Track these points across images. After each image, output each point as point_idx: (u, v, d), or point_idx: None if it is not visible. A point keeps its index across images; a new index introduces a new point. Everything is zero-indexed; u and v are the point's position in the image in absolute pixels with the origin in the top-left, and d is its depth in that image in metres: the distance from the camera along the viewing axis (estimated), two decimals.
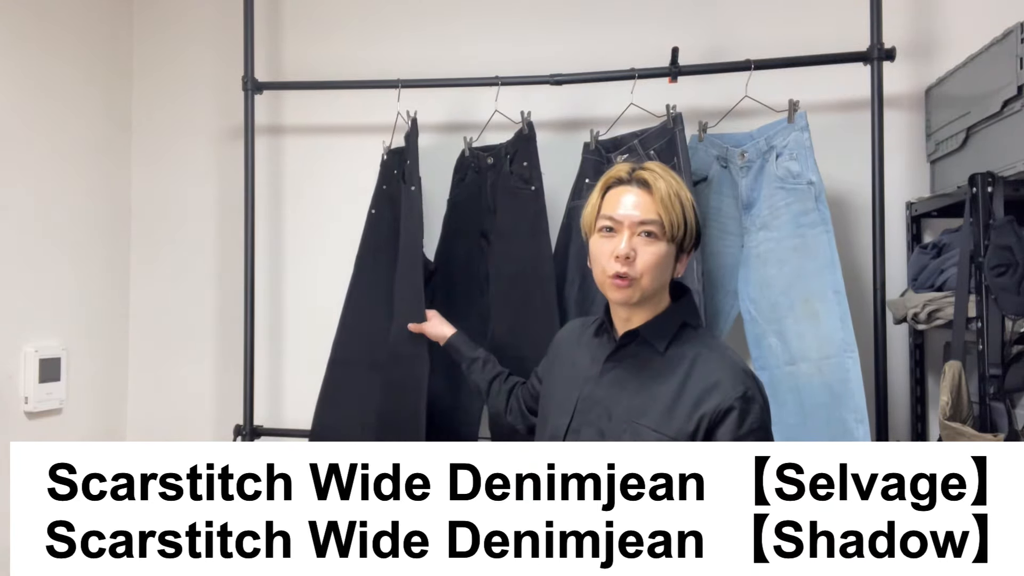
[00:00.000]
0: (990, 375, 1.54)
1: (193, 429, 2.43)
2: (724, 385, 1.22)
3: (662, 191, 1.26)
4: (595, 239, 1.30)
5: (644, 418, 1.25)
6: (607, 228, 1.28)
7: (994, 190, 1.58)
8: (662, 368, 1.28)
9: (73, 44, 2.25)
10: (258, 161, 2.28)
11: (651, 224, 1.25)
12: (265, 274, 2.38)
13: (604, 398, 1.30)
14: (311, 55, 2.40)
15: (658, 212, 1.25)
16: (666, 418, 1.23)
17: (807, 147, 1.82)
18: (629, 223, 1.25)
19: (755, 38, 2.14)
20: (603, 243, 1.28)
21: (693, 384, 1.24)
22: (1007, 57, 1.62)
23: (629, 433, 1.25)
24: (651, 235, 1.25)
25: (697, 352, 1.28)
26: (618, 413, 1.27)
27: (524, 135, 1.99)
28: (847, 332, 1.73)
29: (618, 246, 1.25)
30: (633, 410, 1.26)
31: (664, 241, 1.26)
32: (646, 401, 1.26)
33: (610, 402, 1.29)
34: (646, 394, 1.26)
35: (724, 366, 1.26)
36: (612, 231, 1.27)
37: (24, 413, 2.05)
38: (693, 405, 1.22)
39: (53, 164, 2.17)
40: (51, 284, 2.15)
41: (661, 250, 1.26)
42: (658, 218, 1.25)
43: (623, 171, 1.31)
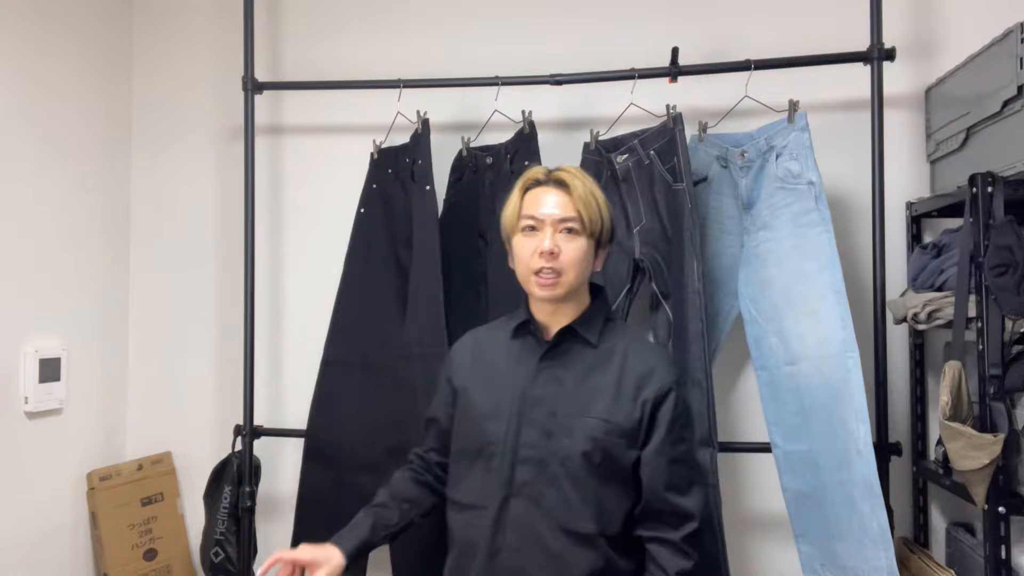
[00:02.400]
0: (990, 375, 1.54)
1: (193, 429, 2.43)
2: (660, 370, 1.35)
3: (580, 190, 1.34)
4: (518, 238, 1.37)
5: (591, 410, 1.32)
6: (529, 227, 1.35)
7: (994, 190, 1.58)
8: (597, 361, 1.36)
9: (73, 44, 2.25)
10: (258, 161, 2.28)
11: (572, 221, 1.33)
12: (265, 274, 2.38)
13: (544, 397, 1.35)
14: (311, 55, 2.40)
15: (577, 210, 1.33)
16: (612, 407, 1.32)
17: (807, 147, 1.82)
18: (551, 221, 1.33)
19: (755, 38, 2.14)
20: (526, 241, 1.35)
21: (631, 372, 1.34)
22: (1007, 57, 1.62)
23: (578, 427, 1.31)
24: (572, 231, 1.33)
25: (626, 343, 1.38)
26: (562, 409, 1.33)
27: (525, 134, 1.99)
28: (847, 332, 1.73)
29: (542, 243, 1.32)
30: (578, 404, 1.33)
31: (584, 237, 1.34)
32: (589, 394, 1.33)
33: (551, 400, 1.34)
34: (588, 387, 1.34)
35: (655, 354, 1.40)
36: (534, 230, 1.34)
37: (24, 413, 2.05)
38: (635, 391, 1.32)
39: (53, 164, 2.17)
40: (51, 284, 2.15)
41: (582, 245, 1.34)
42: (578, 215, 1.33)
43: (540, 173, 1.39)
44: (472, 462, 1.38)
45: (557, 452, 1.31)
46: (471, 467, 1.38)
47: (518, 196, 1.38)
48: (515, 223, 1.37)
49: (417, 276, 1.98)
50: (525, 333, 1.41)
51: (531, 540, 1.31)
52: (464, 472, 1.40)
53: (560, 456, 1.31)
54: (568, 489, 1.30)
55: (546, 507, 1.30)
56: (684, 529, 1.31)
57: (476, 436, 1.38)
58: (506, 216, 1.40)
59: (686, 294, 1.77)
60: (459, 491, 1.40)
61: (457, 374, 1.47)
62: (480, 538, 1.33)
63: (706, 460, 1.70)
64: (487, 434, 1.36)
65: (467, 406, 1.42)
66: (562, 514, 1.30)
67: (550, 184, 1.36)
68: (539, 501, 1.31)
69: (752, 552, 2.15)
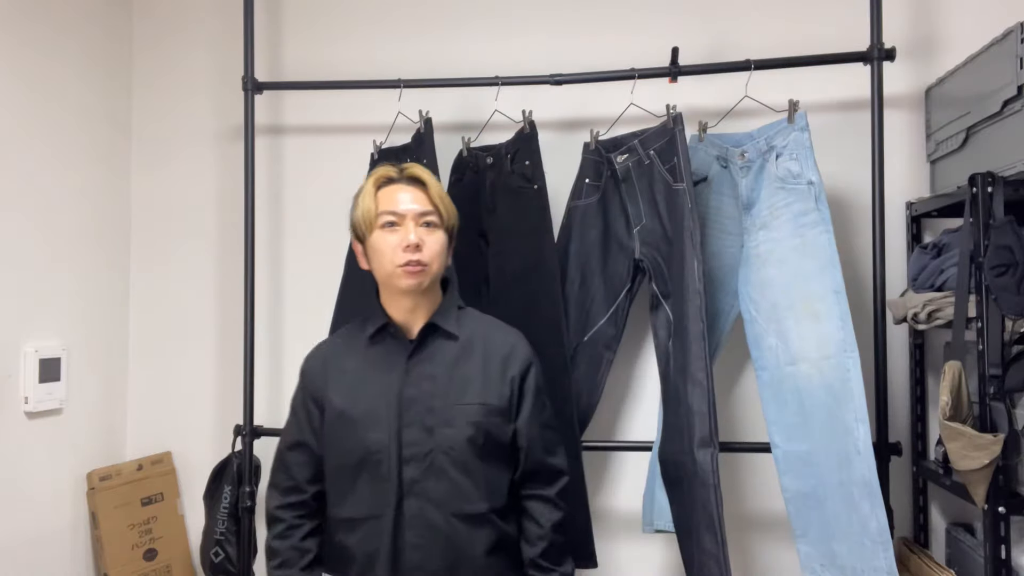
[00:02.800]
0: (990, 375, 1.54)
1: (193, 429, 2.43)
2: (519, 348, 1.46)
3: (434, 186, 1.43)
4: (378, 235, 1.39)
5: (466, 397, 1.39)
6: (389, 223, 1.39)
7: (994, 190, 1.58)
8: (462, 351, 1.42)
9: (73, 44, 2.25)
10: (258, 161, 2.28)
11: (431, 215, 1.40)
12: (265, 274, 2.38)
13: (419, 395, 1.39)
14: (311, 55, 2.40)
15: (435, 204, 1.41)
16: (485, 390, 1.40)
17: (807, 147, 1.82)
18: (412, 215, 1.38)
19: (755, 38, 2.14)
20: (388, 237, 1.38)
21: (494, 355, 1.43)
22: (1007, 57, 1.62)
23: (457, 415, 1.37)
24: (432, 224, 1.40)
25: (483, 328, 1.47)
26: (438, 403, 1.38)
27: (526, 134, 1.99)
28: (847, 332, 1.73)
29: (406, 236, 1.36)
30: (453, 394, 1.39)
31: (442, 230, 1.42)
32: (461, 383, 1.40)
33: (427, 397, 1.39)
34: (458, 377, 1.40)
35: (510, 333, 1.48)
36: (395, 225, 1.38)
37: (24, 413, 2.05)
38: (502, 371, 1.42)
39: (53, 164, 2.17)
40: (51, 284, 2.15)
41: (441, 238, 1.42)
42: (436, 209, 1.41)
43: (391, 171, 1.44)
44: (355, 475, 1.39)
45: (441, 444, 1.37)
46: (355, 480, 1.39)
47: (372, 194, 1.41)
48: (373, 220, 1.39)
49: None
50: (384, 337, 1.43)
51: (429, 534, 1.35)
52: (347, 486, 1.40)
53: (444, 447, 1.37)
54: (456, 476, 1.36)
55: (439, 498, 1.36)
56: (558, 484, 1.46)
57: (356, 448, 1.38)
58: (360, 215, 1.41)
59: (686, 294, 1.77)
60: (347, 507, 1.40)
61: (318, 392, 1.44)
62: (380, 545, 1.36)
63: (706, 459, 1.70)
64: (369, 443, 1.38)
65: (339, 420, 1.41)
66: (455, 501, 1.36)
67: (403, 181, 1.42)
68: (431, 495, 1.36)
69: (752, 552, 2.15)
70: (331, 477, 1.43)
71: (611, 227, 2.01)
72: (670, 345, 1.87)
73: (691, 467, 1.72)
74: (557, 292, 1.92)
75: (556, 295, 1.91)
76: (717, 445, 1.71)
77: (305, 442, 1.45)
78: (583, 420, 1.99)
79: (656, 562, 2.19)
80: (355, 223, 1.44)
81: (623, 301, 1.98)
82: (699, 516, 1.70)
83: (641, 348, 2.20)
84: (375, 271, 1.43)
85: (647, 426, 2.18)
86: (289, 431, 1.48)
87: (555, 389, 1.89)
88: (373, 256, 1.41)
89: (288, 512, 1.44)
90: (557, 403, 1.88)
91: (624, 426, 2.22)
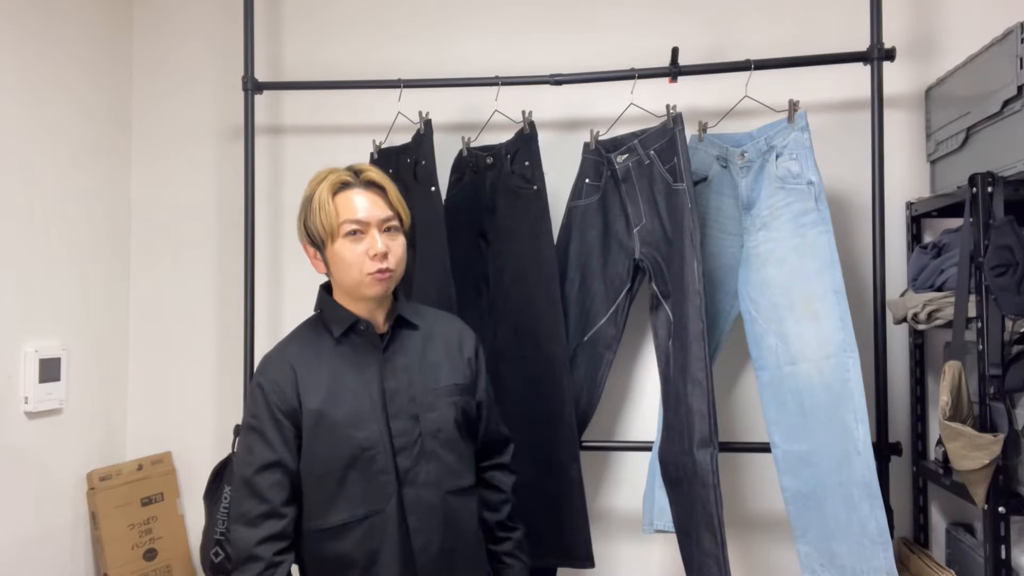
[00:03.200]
0: (990, 375, 1.54)
1: (193, 429, 2.43)
2: (465, 330, 1.55)
3: (392, 190, 1.43)
4: (341, 243, 1.37)
5: (440, 381, 1.44)
6: (353, 231, 1.37)
7: (994, 190, 1.58)
8: (424, 339, 1.47)
9: (73, 44, 2.25)
10: (258, 161, 2.28)
11: (392, 220, 1.41)
12: (265, 274, 2.38)
13: (399, 386, 1.41)
14: (311, 55, 2.40)
15: (395, 208, 1.42)
16: (452, 372, 1.46)
17: (807, 147, 1.82)
18: (376, 222, 1.38)
19: (755, 38, 2.14)
20: (353, 246, 1.37)
21: (448, 339, 1.50)
22: (1007, 57, 1.62)
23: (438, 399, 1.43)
24: (392, 229, 1.41)
25: (431, 316, 1.53)
26: (417, 390, 1.42)
27: (525, 134, 1.99)
28: (847, 332, 1.73)
29: (373, 244, 1.37)
30: (428, 381, 1.43)
31: (402, 233, 1.44)
32: (432, 369, 1.45)
33: (406, 387, 1.41)
34: (428, 364, 1.45)
35: (451, 318, 1.58)
36: (359, 233, 1.37)
37: (24, 413, 2.05)
38: (459, 352, 1.49)
39: (53, 164, 2.17)
40: (51, 284, 2.15)
41: (403, 241, 1.43)
42: (395, 213, 1.42)
43: (346, 175, 1.41)
44: (343, 478, 1.36)
45: (428, 428, 1.41)
46: (342, 484, 1.36)
47: (330, 201, 1.38)
48: (335, 228, 1.37)
49: (423, 276, 1.97)
50: (352, 334, 1.42)
51: (429, 515, 1.39)
52: (334, 493, 1.36)
53: (432, 431, 1.41)
54: (445, 456, 1.42)
55: (432, 480, 1.40)
56: (509, 451, 1.60)
57: (345, 449, 1.36)
58: (319, 222, 1.37)
59: (686, 294, 1.77)
60: (336, 514, 1.36)
61: (288, 403, 1.37)
62: (384, 539, 1.36)
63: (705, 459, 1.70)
64: (359, 442, 1.36)
65: (321, 426, 1.36)
66: (447, 480, 1.42)
67: (360, 186, 1.41)
68: (425, 479, 1.39)
69: (752, 552, 2.15)
70: (313, 487, 1.37)
71: (611, 227, 2.01)
72: (670, 345, 1.87)
73: (691, 467, 1.72)
74: (556, 293, 1.92)
75: (555, 296, 1.91)
76: (717, 445, 1.71)
77: (277, 460, 1.35)
78: (583, 420, 1.99)
79: (656, 562, 2.19)
80: (312, 230, 1.40)
81: (623, 301, 1.98)
82: (699, 516, 1.70)
83: (641, 348, 2.21)
84: (339, 279, 1.41)
85: (647, 426, 2.18)
86: (253, 454, 1.35)
87: (555, 389, 1.89)
88: (337, 264, 1.39)
89: (267, 548, 1.31)
90: (557, 403, 1.89)
91: (624, 426, 2.22)
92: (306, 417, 1.37)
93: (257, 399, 1.38)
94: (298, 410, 1.37)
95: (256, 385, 1.40)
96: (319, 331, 1.45)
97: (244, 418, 1.42)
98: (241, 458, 1.38)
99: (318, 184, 1.41)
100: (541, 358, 1.90)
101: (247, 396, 1.44)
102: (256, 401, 1.38)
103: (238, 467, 1.39)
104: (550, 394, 1.89)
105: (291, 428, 1.37)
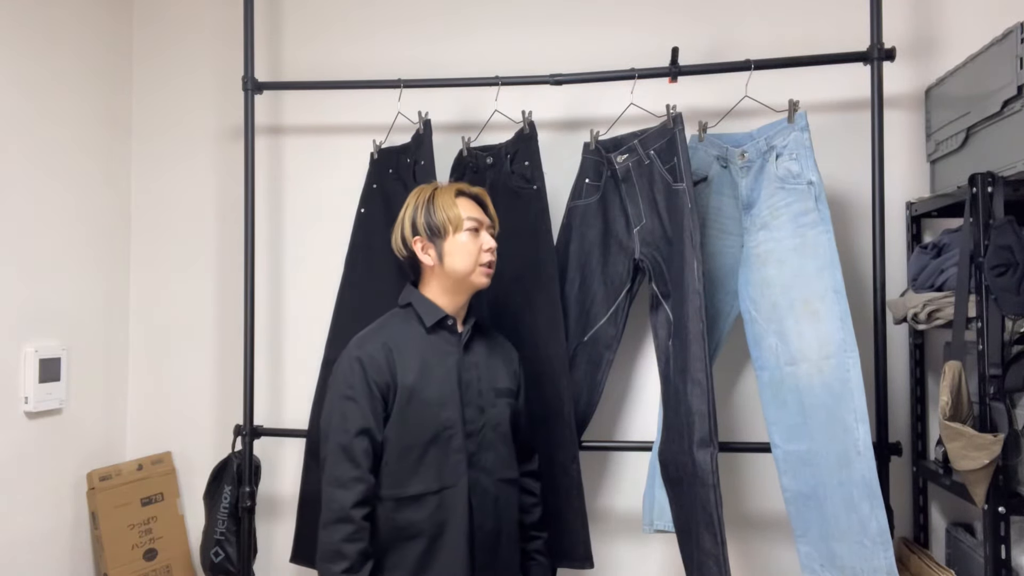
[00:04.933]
0: (990, 375, 1.54)
1: (193, 429, 2.43)
2: (510, 345, 1.77)
3: (490, 205, 1.69)
4: (464, 235, 1.60)
5: (499, 382, 1.66)
6: (473, 228, 1.61)
7: (994, 190, 1.58)
8: (487, 344, 1.69)
9: (73, 44, 2.25)
10: (258, 161, 2.28)
11: (492, 228, 1.68)
12: (265, 274, 2.38)
13: (471, 379, 1.61)
14: (311, 55, 2.40)
15: (494, 216, 1.69)
16: (508, 377, 1.69)
17: (807, 147, 1.82)
18: (486, 225, 1.65)
19: (755, 38, 2.14)
20: (472, 240, 1.61)
21: (503, 349, 1.73)
22: (1007, 57, 1.62)
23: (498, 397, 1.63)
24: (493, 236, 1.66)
25: (491, 330, 1.77)
26: (484, 386, 1.63)
27: (525, 134, 1.99)
28: (847, 332, 1.73)
29: (489, 240, 1.63)
30: (491, 380, 1.64)
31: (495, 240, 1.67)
32: (493, 371, 1.66)
33: (476, 381, 1.62)
34: (491, 365, 1.66)
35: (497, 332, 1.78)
36: (477, 230, 1.62)
37: (24, 413, 2.05)
38: (510, 363, 1.72)
39: (53, 164, 2.17)
40: (51, 284, 2.15)
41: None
42: (495, 222, 1.69)
43: (462, 187, 1.67)
44: (423, 452, 1.52)
45: (490, 421, 1.61)
46: (422, 457, 1.53)
47: (454, 202, 1.62)
48: (460, 222, 1.60)
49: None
50: (440, 328, 1.62)
51: (485, 498, 1.57)
52: (415, 464, 1.52)
53: (493, 423, 1.61)
54: (500, 447, 1.62)
55: (490, 467, 1.59)
56: (536, 460, 1.80)
57: (430, 425, 1.53)
58: (446, 215, 1.60)
59: (686, 294, 1.77)
60: (414, 484, 1.52)
61: (383, 377, 1.53)
62: (453, 512, 1.53)
63: (705, 459, 1.70)
64: (442, 420, 1.54)
65: (411, 402, 1.53)
66: (500, 469, 1.61)
67: (471, 197, 1.66)
68: (484, 464, 1.58)
69: (752, 552, 2.15)
70: (396, 458, 1.52)
71: (611, 227, 2.01)
72: (670, 345, 1.87)
73: (691, 467, 1.72)
74: (556, 293, 1.92)
75: (555, 296, 1.92)
76: (717, 445, 1.71)
77: (369, 428, 1.50)
78: (583, 420, 1.99)
79: (656, 562, 2.19)
80: (436, 224, 1.60)
81: (623, 301, 1.98)
82: (699, 516, 1.70)
83: (641, 348, 2.21)
84: (452, 268, 1.60)
85: (647, 426, 2.18)
86: (348, 420, 1.50)
87: (555, 389, 1.89)
88: (455, 253, 1.60)
89: (359, 511, 1.46)
90: (556, 403, 1.89)
91: (624, 426, 2.22)
92: (400, 392, 1.53)
93: (355, 370, 1.52)
94: (391, 385, 1.53)
95: (355, 359, 1.54)
96: (409, 320, 1.62)
97: (338, 388, 1.53)
98: (336, 425, 1.51)
99: (432, 190, 1.65)
100: (540, 358, 1.90)
101: (339, 370, 1.54)
102: (354, 372, 1.52)
103: (334, 433, 1.50)
104: (549, 394, 1.89)
105: (381, 401, 1.52)
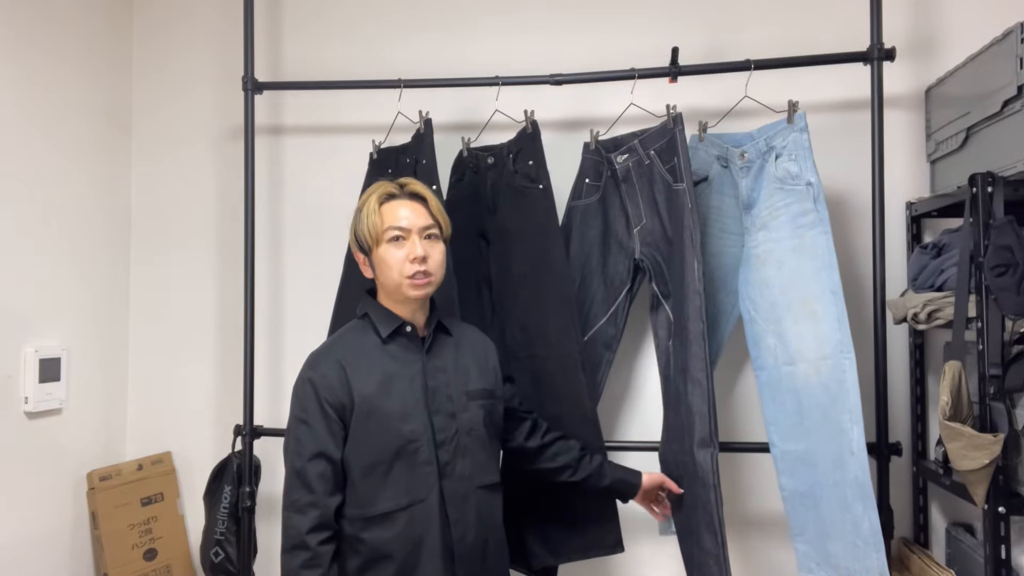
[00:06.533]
0: (990, 375, 1.54)
1: (193, 429, 2.43)
2: (487, 341, 1.68)
3: (432, 200, 1.55)
4: (384, 248, 1.50)
5: (471, 384, 1.56)
6: (396, 237, 1.49)
7: (994, 190, 1.58)
8: (456, 345, 1.59)
9: (73, 44, 2.25)
10: (258, 161, 2.28)
11: (432, 228, 1.53)
12: (265, 274, 2.38)
13: (438, 385, 1.52)
14: (311, 55, 2.40)
15: (435, 218, 1.54)
16: (482, 377, 1.58)
17: (806, 148, 1.82)
18: (417, 229, 1.50)
19: (755, 38, 2.14)
20: (395, 250, 1.49)
21: (475, 348, 1.62)
22: (1007, 57, 1.62)
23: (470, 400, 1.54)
24: (432, 237, 1.53)
25: (459, 326, 1.65)
26: (454, 391, 1.53)
27: (528, 133, 1.98)
28: (844, 333, 1.73)
29: (413, 249, 1.48)
30: (462, 383, 1.55)
31: (442, 240, 1.55)
32: (464, 373, 1.56)
33: (444, 386, 1.52)
34: (461, 368, 1.56)
35: (474, 329, 1.69)
36: (401, 239, 1.49)
37: (24, 413, 2.05)
38: (485, 361, 1.62)
39: (53, 164, 2.17)
40: (51, 284, 2.15)
41: (442, 248, 1.55)
42: (435, 222, 1.54)
43: (392, 187, 1.55)
44: (389, 468, 1.45)
45: (463, 426, 1.51)
46: (388, 474, 1.45)
47: (376, 210, 1.51)
48: (380, 234, 1.50)
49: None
50: (398, 335, 1.53)
51: (464, 507, 1.49)
52: (381, 482, 1.45)
53: (466, 428, 1.52)
54: (477, 453, 1.53)
55: (467, 474, 1.50)
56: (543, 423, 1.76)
57: (393, 440, 1.45)
58: (366, 228, 1.51)
59: (686, 294, 1.77)
60: (381, 502, 1.44)
61: (338, 396, 1.45)
62: (427, 527, 1.45)
63: (706, 459, 1.70)
64: (405, 434, 1.46)
65: (371, 417, 1.45)
66: (479, 475, 1.52)
67: (404, 197, 1.54)
68: (461, 473, 1.50)
69: (752, 552, 2.15)
70: (360, 477, 1.45)
71: (611, 227, 2.01)
72: (670, 345, 1.87)
73: (691, 467, 1.72)
74: (567, 291, 1.90)
75: (567, 294, 1.90)
76: (717, 445, 1.71)
77: (324, 451, 1.43)
78: None
79: (656, 562, 2.19)
80: (360, 236, 1.53)
81: (623, 301, 1.98)
82: (699, 516, 1.70)
83: (641, 348, 2.21)
84: (382, 281, 1.53)
85: (647, 426, 2.18)
86: (302, 444, 1.44)
87: (570, 387, 1.88)
88: (381, 267, 1.51)
89: (314, 536, 1.40)
90: (573, 400, 1.88)
91: (624, 426, 2.22)
92: (357, 409, 1.45)
93: (307, 393, 1.46)
94: (346, 405, 1.45)
95: (306, 380, 1.47)
96: (366, 332, 1.54)
97: (293, 411, 1.48)
98: (291, 449, 1.47)
99: (368, 196, 1.54)
100: (553, 356, 1.88)
101: (295, 391, 1.49)
102: (306, 395, 1.46)
103: (289, 458, 1.47)
104: (565, 391, 1.87)
105: (338, 421, 1.45)
